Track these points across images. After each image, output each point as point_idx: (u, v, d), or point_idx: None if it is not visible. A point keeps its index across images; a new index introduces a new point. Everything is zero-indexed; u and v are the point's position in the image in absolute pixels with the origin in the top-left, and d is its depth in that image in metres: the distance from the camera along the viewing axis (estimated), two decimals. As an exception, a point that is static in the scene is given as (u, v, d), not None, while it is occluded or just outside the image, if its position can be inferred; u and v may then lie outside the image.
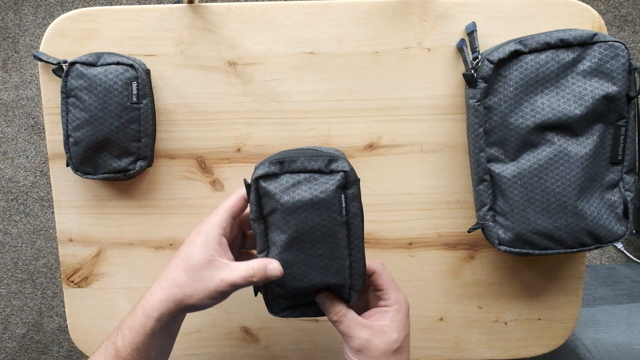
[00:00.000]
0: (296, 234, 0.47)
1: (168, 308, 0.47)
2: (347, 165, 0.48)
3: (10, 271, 1.53)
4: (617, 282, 1.06)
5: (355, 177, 0.48)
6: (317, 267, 0.48)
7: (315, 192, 0.46)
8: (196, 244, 0.48)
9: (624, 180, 0.59)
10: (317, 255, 0.48)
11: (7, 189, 1.52)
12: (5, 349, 1.54)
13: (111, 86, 0.59)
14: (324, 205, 0.47)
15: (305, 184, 0.47)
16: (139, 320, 0.48)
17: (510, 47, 0.57)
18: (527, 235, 0.59)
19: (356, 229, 0.48)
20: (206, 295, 0.47)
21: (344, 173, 0.47)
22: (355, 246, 0.48)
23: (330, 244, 0.47)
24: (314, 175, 0.47)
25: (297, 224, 0.47)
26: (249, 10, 0.64)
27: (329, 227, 0.47)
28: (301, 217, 0.47)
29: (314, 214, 0.47)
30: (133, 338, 0.48)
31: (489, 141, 0.59)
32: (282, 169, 0.48)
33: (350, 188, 0.48)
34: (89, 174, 0.63)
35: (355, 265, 0.49)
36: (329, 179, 0.47)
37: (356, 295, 0.50)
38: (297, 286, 0.49)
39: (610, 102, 0.57)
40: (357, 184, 0.48)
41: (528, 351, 0.70)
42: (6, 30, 1.51)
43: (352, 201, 0.48)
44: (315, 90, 0.65)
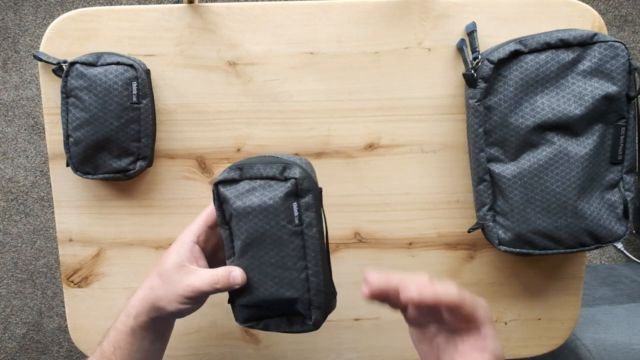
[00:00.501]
0: (248, 239, 0.47)
1: (144, 308, 0.49)
2: (298, 172, 0.46)
3: (10, 271, 1.53)
4: (617, 282, 1.06)
5: (309, 186, 0.47)
6: (270, 276, 0.47)
7: (265, 198, 0.46)
8: (171, 250, 0.50)
9: (624, 180, 0.59)
10: (270, 264, 0.47)
11: (7, 189, 1.52)
12: (5, 349, 1.54)
13: (111, 86, 0.59)
14: (272, 212, 0.46)
15: (260, 190, 0.47)
16: (121, 319, 0.51)
17: (510, 47, 0.57)
18: (527, 235, 0.59)
19: (312, 240, 0.46)
20: (174, 299, 0.48)
21: (294, 180, 0.46)
22: (311, 258, 0.47)
23: (281, 252, 0.46)
24: (269, 182, 0.47)
25: (247, 230, 0.47)
26: (249, 10, 0.64)
27: (278, 234, 0.46)
28: (251, 223, 0.46)
29: (262, 221, 0.46)
30: (115, 336, 0.50)
31: (489, 141, 0.59)
32: (241, 175, 0.48)
33: (304, 197, 0.46)
34: (89, 174, 0.63)
35: (313, 280, 0.47)
36: (281, 185, 0.47)
37: (320, 313, 0.47)
38: (255, 296, 0.48)
39: (610, 102, 0.57)
40: (315, 193, 0.47)
41: (528, 351, 0.70)
42: (6, 30, 1.51)
43: (305, 210, 0.46)
44: (315, 90, 0.65)
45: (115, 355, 0.50)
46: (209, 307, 0.69)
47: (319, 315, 0.48)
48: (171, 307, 0.48)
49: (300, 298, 0.47)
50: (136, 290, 0.51)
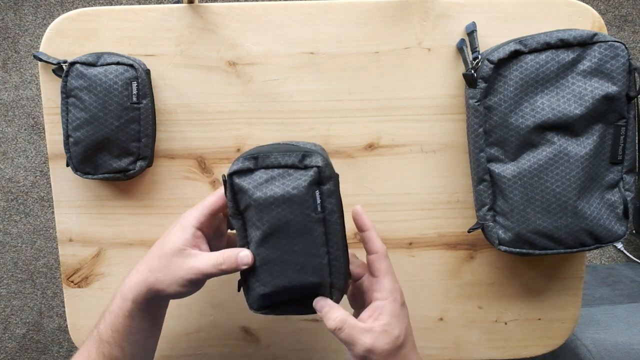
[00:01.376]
0: (269, 230, 0.46)
1: (141, 290, 0.49)
2: (320, 160, 0.46)
3: (10, 271, 1.53)
4: (617, 282, 1.06)
5: (331, 173, 0.47)
6: (293, 264, 0.47)
7: (287, 188, 0.46)
8: (172, 233, 0.50)
9: (624, 180, 0.59)
10: (293, 252, 0.46)
11: (7, 189, 1.52)
12: (5, 349, 1.54)
13: (111, 86, 0.59)
14: (297, 202, 0.46)
15: (279, 180, 0.46)
16: (117, 303, 0.50)
17: (510, 47, 0.57)
18: (527, 235, 0.59)
19: (334, 225, 0.47)
20: (175, 282, 0.48)
21: (317, 168, 0.46)
22: (333, 244, 0.47)
23: (305, 241, 0.46)
24: (287, 171, 0.47)
25: (270, 220, 0.46)
26: (249, 10, 0.64)
27: (303, 224, 0.46)
28: (274, 213, 0.46)
29: (286, 211, 0.46)
30: (112, 320, 0.50)
31: (489, 141, 0.59)
32: (256, 165, 0.47)
33: (326, 184, 0.46)
34: (89, 174, 0.63)
35: (335, 264, 0.47)
36: (303, 174, 0.46)
37: (339, 294, 0.49)
38: (276, 284, 0.47)
39: (610, 102, 0.57)
40: (334, 179, 0.47)
41: (528, 351, 0.70)
42: (6, 30, 1.51)
43: (327, 197, 0.46)
44: (315, 90, 0.65)
45: (113, 338, 0.50)
46: (209, 307, 0.69)
47: (339, 296, 0.48)
48: (171, 289, 0.48)
49: (322, 282, 0.47)
50: (130, 272, 0.51)
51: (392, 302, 0.49)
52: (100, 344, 0.50)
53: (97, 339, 0.51)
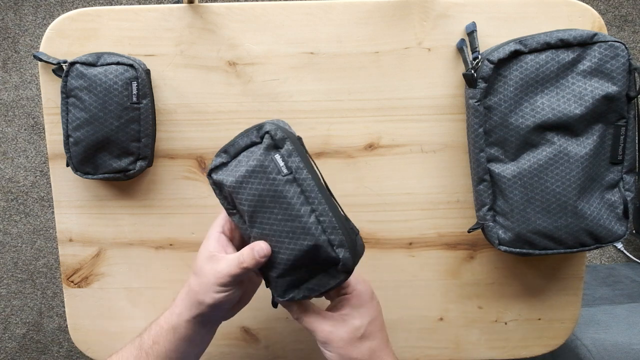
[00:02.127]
0: (250, 208, 0.47)
1: (185, 305, 0.49)
2: (269, 126, 0.48)
3: (10, 271, 1.53)
4: (617, 282, 1.06)
5: (284, 134, 0.47)
6: (284, 233, 0.46)
7: (250, 163, 0.47)
8: (200, 247, 0.51)
9: (624, 180, 0.59)
10: (278, 221, 0.46)
11: (7, 189, 1.52)
12: (5, 349, 1.54)
13: (111, 86, 0.59)
14: (260, 171, 0.47)
15: (244, 160, 0.48)
16: (165, 315, 0.51)
17: (510, 47, 0.57)
18: (527, 235, 0.59)
19: (306, 182, 0.46)
20: (208, 288, 0.48)
21: (267, 134, 0.47)
22: (314, 200, 0.46)
23: (283, 205, 0.46)
24: (251, 149, 0.48)
25: (246, 199, 0.47)
26: (249, 10, 0.64)
27: (273, 189, 0.46)
28: (246, 190, 0.47)
29: (254, 183, 0.47)
30: (156, 331, 0.51)
31: (489, 141, 0.59)
32: (228, 157, 0.49)
33: (283, 146, 0.47)
34: (89, 174, 0.63)
35: (323, 219, 0.46)
36: (259, 146, 0.48)
37: (346, 252, 0.46)
38: (280, 260, 0.47)
39: (610, 102, 0.57)
40: (291, 139, 0.47)
41: (528, 351, 0.70)
42: (6, 30, 1.51)
43: (289, 157, 0.47)
44: (315, 90, 0.65)
45: (152, 350, 0.50)
46: (209, 307, 0.69)
47: (346, 253, 0.46)
48: (208, 298, 0.48)
49: (319, 243, 0.46)
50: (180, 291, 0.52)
51: (356, 296, 0.50)
52: (140, 352, 0.50)
53: (137, 347, 0.51)
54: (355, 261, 0.47)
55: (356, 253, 0.48)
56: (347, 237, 0.46)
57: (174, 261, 0.69)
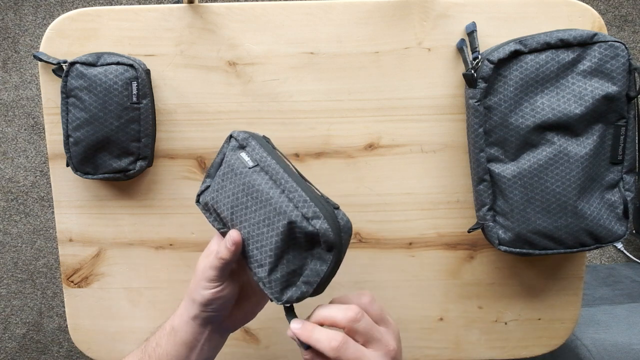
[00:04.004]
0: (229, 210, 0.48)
1: (185, 305, 0.50)
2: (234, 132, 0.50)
3: (10, 271, 1.53)
4: (617, 282, 1.06)
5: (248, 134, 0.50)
6: (261, 222, 0.46)
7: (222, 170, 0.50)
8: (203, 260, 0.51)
9: (624, 180, 0.59)
10: (253, 212, 0.46)
11: (7, 189, 1.52)
12: (5, 349, 1.54)
13: (111, 86, 0.59)
14: (228, 172, 0.49)
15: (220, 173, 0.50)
16: (169, 319, 0.51)
17: (510, 47, 0.57)
18: (527, 235, 0.59)
19: (271, 168, 0.46)
20: (199, 285, 0.48)
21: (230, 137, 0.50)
22: (281, 180, 0.46)
23: (254, 195, 0.46)
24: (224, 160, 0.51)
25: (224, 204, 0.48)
26: (249, 10, 0.64)
27: (243, 183, 0.47)
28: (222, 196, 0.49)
29: (227, 186, 0.48)
30: (159, 333, 0.51)
31: (489, 141, 0.59)
32: (210, 179, 0.52)
33: (247, 145, 0.49)
34: (89, 174, 0.63)
35: (293, 195, 0.45)
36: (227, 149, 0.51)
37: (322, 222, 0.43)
38: (265, 253, 0.46)
39: (610, 102, 0.57)
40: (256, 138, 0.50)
41: (528, 351, 0.70)
42: (6, 30, 1.51)
43: (253, 151, 0.48)
44: (315, 90, 0.65)
45: (155, 352, 0.50)
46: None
47: (323, 224, 0.43)
48: (198, 295, 0.48)
49: (293, 219, 0.44)
50: None
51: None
52: (143, 355, 0.50)
53: (142, 350, 0.51)
54: (338, 234, 0.44)
55: (337, 225, 0.45)
56: (322, 208, 0.44)
57: (174, 261, 0.69)
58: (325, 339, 0.42)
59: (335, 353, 0.41)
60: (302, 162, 0.66)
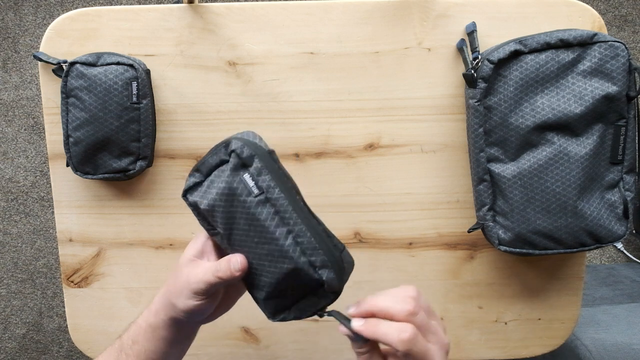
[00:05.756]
0: (227, 231, 0.44)
1: (162, 304, 0.48)
2: (235, 144, 0.43)
3: (10, 271, 1.53)
4: (617, 282, 1.06)
5: (253, 151, 0.43)
6: (263, 256, 0.43)
7: (219, 185, 0.44)
8: (186, 247, 0.49)
9: (624, 180, 0.59)
10: (256, 244, 0.43)
11: (7, 189, 1.52)
12: (5, 349, 1.54)
13: (111, 86, 0.59)
14: (229, 194, 0.43)
15: (216, 181, 0.45)
16: (143, 314, 0.50)
17: (510, 47, 0.57)
18: (527, 235, 0.59)
19: (279, 202, 0.42)
20: (183, 294, 0.46)
21: (233, 153, 0.43)
22: (289, 220, 0.42)
23: (257, 228, 0.43)
24: (221, 168, 0.45)
25: (222, 222, 0.44)
26: (249, 10, 0.64)
27: (246, 212, 0.43)
28: (219, 214, 0.44)
29: (225, 206, 0.44)
30: (135, 330, 0.50)
31: (489, 141, 0.59)
32: (201, 176, 0.46)
33: (252, 164, 0.43)
34: (89, 174, 0.63)
35: (301, 240, 0.42)
36: (227, 166, 0.44)
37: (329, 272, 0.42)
38: (264, 283, 0.45)
39: (610, 102, 0.57)
40: (261, 155, 0.43)
41: (528, 351, 0.70)
42: (6, 30, 1.51)
43: (259, 175, 0.43)
44: (315, 90, 0.65)
45: (132, 350, 0.49)
46: (209, 307, 0.69)
47: (330, 274, 0.42)
48: (180, 303, 0.46)
49: (300, 266, 0.42)
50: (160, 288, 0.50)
51: None
52: (120, 353, 0.50)
53: (117, 349, 0.50)
54: (342, 279, 0.44)
55: (342, 271, 0.44)
56: (330, 256, 0.43)
57: (174, 261, 0.69)
58: (395, 332, 0.38)
59: (406, 346, 0.38)
60: (302, 162, 0.66)
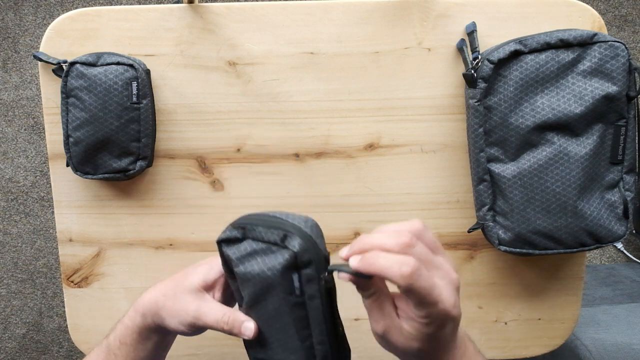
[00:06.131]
0: (251, 302, 0.45)
1: (151, 310, 0.47)
2: (298, 244, 0.42)
3: (10, 271, 1.53)
4: (617, 282, 1.06)
5: (312, 257, 0.42)
6: (275, 338, 0.44)
7: (264, 268, 0.43)
8: (198, 270, 0.48)
9: (624, 180, 0.59)
10: (274, 328, 0.44)
11: (7, 189, 1.52)
12: (5, 349, 1.54)
13: (111, 86, 0.59)
14: (271, 284, 0.43)
15: (261, 255, 0.44)
16: (129, 315, 0.49)
17: (510, 47, 0.57)
18: (527, 235, 0.59)
19: (314, 312, 0.42)
20: (177, 317, 0.46)
21: (294, 253, 0.42)
22: (315, 328, 0.43)
23: (283, 320, 0.43)
24: (270, 247, 0.44)
25: (250, 295, 0.45)
26: (249, 10, 0.64)
27: (278, 304, 0.43)
28: (252, 289, 0.44)
29: (262, 289, 0.44)
30: (122, 331, 0.49)
31: (489, 141, 0.59)
32: (244, 235, 0.45)
33: (305, 268, 0.42)
34: (89, 174, 0.63)
35: (319, 347, 0.43)
36: (281, 255, 0.43)
37: None
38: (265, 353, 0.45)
39: (610, 102, 0.57)
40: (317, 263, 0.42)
41: (528, 351, 0.70)
42: (6, 30, 1.51)
43: (307, 282, 0.42)
44: (315, 90, 0.65)
45: (120, 350, 0.49)
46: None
47: None
48: (171, 323, 0.46)
49: None
50: (149, 288, 0.50)
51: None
52: (108, 354, 0.49)
53: (105, 349, 0.50)
54: None
55: None
56: None
57: (174, 261, 0.69)
58: (396, 264, 0.35)
59: (408, 280, 0.34)
60: (302, 162, 0.66)
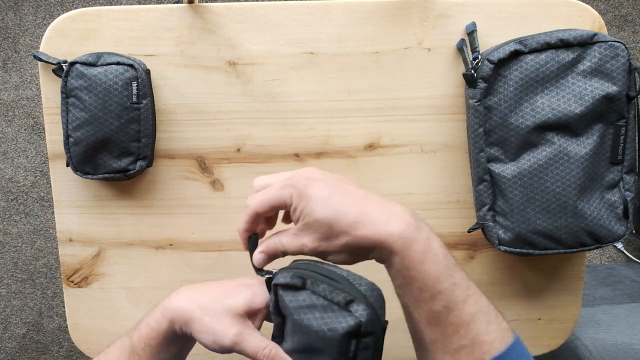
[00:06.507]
0: (299, 350, 0.45)
1: (181, 318, 0.47)
2: (366, 315, 0.43)
3: (10, 271, 1.53)
4: (617, 282, 1.06)
5: (374, 328, 0.43)
6: None
7: (324, 327, 0.43)
8: (242, 292, 0.48)
9: (624, 180, 0.59)
10: None
11: (7, 189, 1.52)
12: (5, 349, 1.54)
13: (111, 86, 0.59)
14: (328, 343, 0.43)
15: (320, 311, 0.44)
16: (156, 317, 0.49)
17: (510, 47, 0.57)
18: (527, 235, 0.59)
19: None
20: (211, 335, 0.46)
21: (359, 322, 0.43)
22: None
23: None
24: (332, 306, 0.44)
25: (299, 343, 0.44)
26: (249, 10, 0.64)
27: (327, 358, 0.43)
28: (305, 340, 0.44)
29: (316, 344, 0.43)
30: (148, 333, 0.49)
31: (489, 141, 0.59)
32: (303, 285, 0.45)
33: (365, 337, 0.43)
34: (89, 174, 0.63)
35: None
36: (344, 319, 0.43)
37: None
38: None
39: (610, 102, 0.57)
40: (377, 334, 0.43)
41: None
42: (6, 30, 1.51)
43: (363, 349, 0.43)
44: (315, 90, 0.65)
45: (144, 352, 0.49)
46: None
47: None
48: (203, 338, 0.46)
49: None
50: (179, 291, 0.49)
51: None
52: (132, 354, 0.49)
53: (129, 349, 0.49)
54: None
55: None
56: None
57: (174, 261, 0.69)
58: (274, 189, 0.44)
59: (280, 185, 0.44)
60: (302, 162, 0.66)
